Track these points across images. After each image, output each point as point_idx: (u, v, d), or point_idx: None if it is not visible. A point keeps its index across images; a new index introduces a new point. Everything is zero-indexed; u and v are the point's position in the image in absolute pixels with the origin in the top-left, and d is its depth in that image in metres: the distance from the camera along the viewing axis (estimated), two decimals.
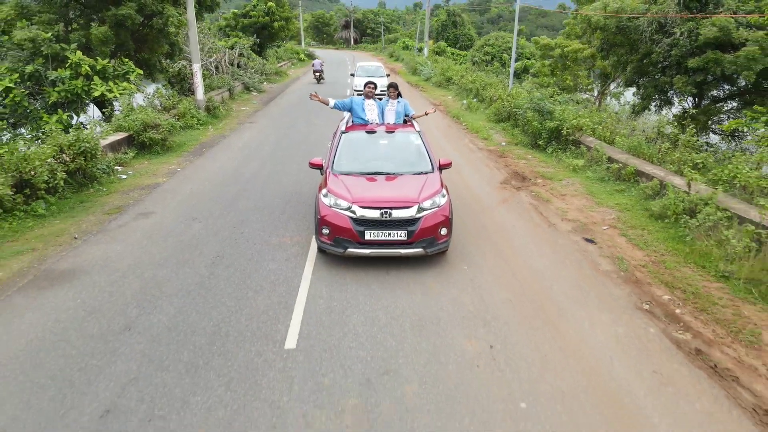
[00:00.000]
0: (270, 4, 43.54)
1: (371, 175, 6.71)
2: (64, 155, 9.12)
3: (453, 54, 45.73)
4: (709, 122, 16.26)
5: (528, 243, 7.15)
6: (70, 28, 17.35)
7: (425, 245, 6.11)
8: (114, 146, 11.63)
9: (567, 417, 3.86)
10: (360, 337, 4.84)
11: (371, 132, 7.50)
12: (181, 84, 21.60)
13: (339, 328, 4.97)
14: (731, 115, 16.54)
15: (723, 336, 4.90)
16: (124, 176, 10.53)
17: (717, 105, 17.04)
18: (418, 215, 6.05)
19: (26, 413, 3.85)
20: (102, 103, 16.50)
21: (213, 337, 4.82)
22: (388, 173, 6.75)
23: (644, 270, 6.27)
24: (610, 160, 10.14)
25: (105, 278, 6.02)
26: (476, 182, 10.02)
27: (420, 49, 45.32)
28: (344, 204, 6.13)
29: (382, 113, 8.09)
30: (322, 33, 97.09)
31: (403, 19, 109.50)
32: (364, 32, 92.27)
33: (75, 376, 4.26)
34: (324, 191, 6.42)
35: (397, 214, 5.99)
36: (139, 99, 17.09)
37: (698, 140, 10.86)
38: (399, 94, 8.30)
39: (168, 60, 21.34)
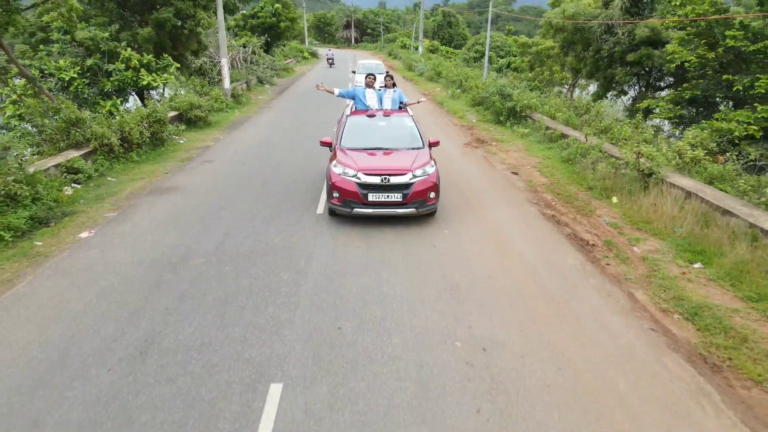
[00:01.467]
0: (277, 5, 46.75)
1: (373, 150, 8.04)
2: (144, 122, 12.56)
3: (447, 52, 49.17)
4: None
5: (474, 176, 10.60)
6: (119, 29, 20.79)
7: (417, 206, 7.47)
8: (170, 121, 15.03)
9: (471, 241, 7.29)
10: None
11: (371, 116, 8.86)
12: (202, 77, 25.01)
13: None
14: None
15: (572, 212, 8.35)
16: (182, 141, 13.97)
17: (656, 93, 20.43)
18: (411, 181, 7.37)
19: (182, 237, 7.28)
20: (141, 92, 19.87)
21: (274, 211, 8.26)
22: (386, 149, 8.09)
23: (543, 187, 9.73)
24: (547, 128, 13.58)
25: (195, 191, 9.46)
26: (447, 144, 13.43)
27: (416, 48, 48.71)
28: (351, 172, 7.41)
29: (380, 100, 9.39)
30: (324, 32, 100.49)
31: (403, 19, 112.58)
32: (365, 32, 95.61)
33: (202, 226, 7.71)
34: (334, 162, 7.72)
35: (394, 180, 7.32)
36: (173, 88, 20.44)
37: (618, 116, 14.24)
38: (394, 84, 9.72)
39: (193, 56, 24.76)
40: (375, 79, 9.69)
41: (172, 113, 15.62)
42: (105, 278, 5.99)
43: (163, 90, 20.24)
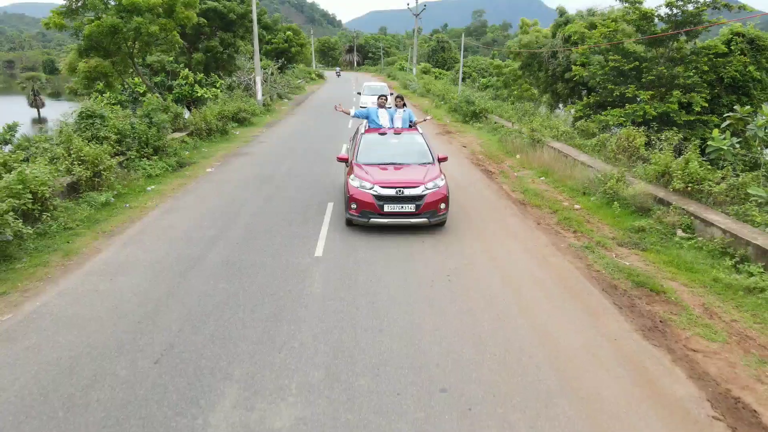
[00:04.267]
0: (288, 33, 53.12)
1: (386, 165, 8.61)
2: (216, 117, 18.34)
3: (439, 73, 55.58)
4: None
5: (437, 147, 16.32)
6: (177, 54, 26.74)
7: (428, 216, 7.94)
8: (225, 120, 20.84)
9: None
10: None
11: (384, 134, 9.54)
12: (231, 92, 30.92)
13: None
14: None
15: (490, 161, 14.09)
16: (237, 133, 19.77)
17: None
18: (423, 193, 7.89)
19: (264, 170, 12.97)
20: (190, 102, 25.60)
21: (313, 161, 13.97)
22: (399, 163, 8.72)
23: (479, 152, 15.48)
24: (495, 123, 19.38)
25: (261, 154, 15.18)
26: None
27: (411, 70, 55.14)
28: (368, 185, 7.90)
29: (392, 120, 10.04)
30: (328, 56, 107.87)
31: (403, 44, 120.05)
32: (366, 56, 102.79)
33: (273, 166, 13.42)
34: (351, 176, 8.23)
35: (407, 192, 7.84)
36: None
37: (547, 113, 20.06)
38: (404, 105, 10.42)
39: (226, 76, 30.75)
40: (387, 99, 10.55)
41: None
42: (231, 183, 11.67)
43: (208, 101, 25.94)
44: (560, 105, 28.48)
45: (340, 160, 9.58)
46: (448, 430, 3.89)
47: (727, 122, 9.96)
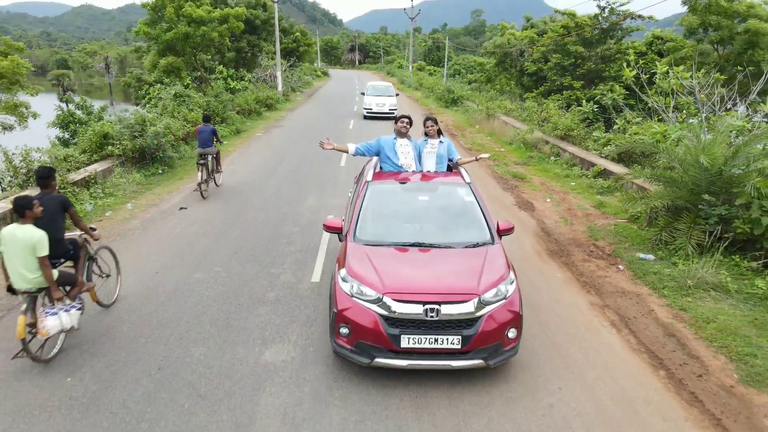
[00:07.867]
0: (296, 34, 58.59)
1: (408, 246, 4.92)
2: (253, 100, 23.96)
3: (434, 70, 61.22)
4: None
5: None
6: (214, 54, 32.11)
7: (486, 355, 4.29)
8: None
9: None
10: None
11: (404, 181, 5.83)
12: (255, 85, 36.44)
13: (368, 128, 19.84)
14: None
15: (456, 130, 19.74)
16: (267, 114, 25.41)
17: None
18: (478, 313, 4.27)
19: (295, 135, 18.63)
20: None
21: (332, 129, 19.61)
22: (430, 245, 4.93)
23: (451, 125, 21.17)
24: (468, 106, 25.04)
25: (291, 127, 20.83)
26: (414, 115, 24.92)
27: (407, 67, 60.82)
28: (371, 293, 4.34)
29: (419, 157, 6.38)
30: (330, 55, 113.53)
31: (403, 43, 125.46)
32: (367, 55, 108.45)
33: (303, 133, 19.07)
34: (343, 273, 4.59)
35: (447, 310, 4.22)
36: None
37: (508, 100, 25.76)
38: (440, 132, 6.58)
39: (248, 72, 36.26)
40: (410, 124, 6.57)
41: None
42: (277, 142, 17.28)
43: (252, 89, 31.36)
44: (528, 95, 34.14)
45: (329, 229, 5.39)
46: None
47: (597, 96, 15.55)
